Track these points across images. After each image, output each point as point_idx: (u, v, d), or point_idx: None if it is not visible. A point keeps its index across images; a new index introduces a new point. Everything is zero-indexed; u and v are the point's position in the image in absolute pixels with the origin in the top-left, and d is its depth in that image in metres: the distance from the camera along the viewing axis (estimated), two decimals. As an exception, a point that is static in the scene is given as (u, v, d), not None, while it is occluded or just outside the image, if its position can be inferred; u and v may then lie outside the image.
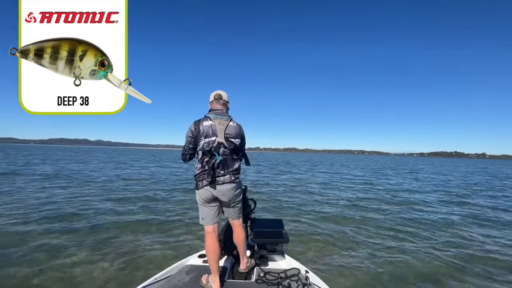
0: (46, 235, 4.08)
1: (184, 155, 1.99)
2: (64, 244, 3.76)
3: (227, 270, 2.14)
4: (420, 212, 6.60)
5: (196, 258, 2.34)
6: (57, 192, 7.72)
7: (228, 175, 1.88)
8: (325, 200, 7.95)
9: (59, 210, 5.57)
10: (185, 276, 2.01)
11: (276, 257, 2.37)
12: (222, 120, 1.89)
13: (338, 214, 6.13)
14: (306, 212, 6.22)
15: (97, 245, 3.77)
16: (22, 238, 3.90)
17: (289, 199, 7.99)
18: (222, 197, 1.89)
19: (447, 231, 5.01)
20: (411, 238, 4.54)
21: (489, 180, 16.69)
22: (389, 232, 4.84)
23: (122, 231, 4.39)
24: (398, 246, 4.11)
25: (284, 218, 3.05)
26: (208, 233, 1.94)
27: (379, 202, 7.92)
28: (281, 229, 2.51)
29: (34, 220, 4.76)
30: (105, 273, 3.01)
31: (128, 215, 5.45)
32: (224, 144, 1.84)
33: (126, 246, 3.77)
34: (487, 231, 5.06)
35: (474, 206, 7.65)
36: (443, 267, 3.44)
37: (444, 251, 3.97)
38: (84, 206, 6.04)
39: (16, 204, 5.97)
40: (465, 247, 4.14)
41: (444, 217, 6.06)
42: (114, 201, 6.83)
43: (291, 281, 1.91)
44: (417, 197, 9.01)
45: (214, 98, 1.99)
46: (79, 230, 4.39)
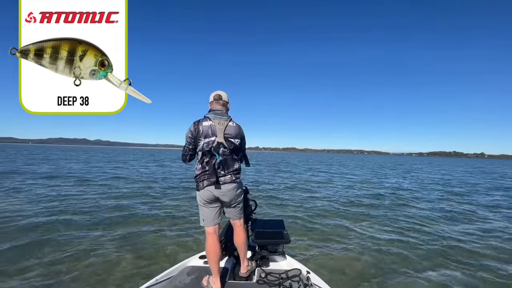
0: (44, 234, 4.07)
1: (184, 156, 1.98)
2: (63, 244, 3.76)
3: (228, 271, 2.13)
4: (424, 211, 6.61)
5: (197, 259, 2.34)
6: (58, 191, 7.71)
7: (228, 175, 1.87)
8: (326, 200, 7.95)
9: (58, 210, 5.55)
10: (186, 277, 2.01)
11: (277, 257, 2.37)
12: (222, 120, 1.88)
13: (339, 214, 6.13)
14: (307, 212, 6.22)
15: (97, 245, 3.76)
16: (23, 233, 3.90)
17: (290, 199, 7.98)
18: (223, 197, 1.88)
19: (454, 229, 5.01)
20: (413, 238, 4.53)
21: (482, 178, 16.74)
22: (392, 232, 4.84)
23: (122, 232, 4.38)
24: (400, 247, 4.09)
25: (285, 219, 3.04)
26: (209, 234, 1.93)
27: (380, 201, 7.92)
28: (282, 230, 2.51)
29: (32, 217, 4.75)
30: (105, 274, 2.99)
31: (127, 215, 5.44)
32: (223, 144, 1.83)
33: (126, 247, 3.75)
34: (485, 228, 5.07)
35: (470, 203, 7.67)
36: (449, 267, 3.43)
37: (453, 250, 3.97)
38: (83, 206, 6.03)
39: (18, 201, 5.97)
40: (475, 247, 4.15)
41: (448, 215, 6.07)
42: (114, 200, 6.81)
43: (293, 282, 1.90)
44: (417, 197, 9.01)
45: (214, 98, 1.99)
46: (79, 230, 4.38)
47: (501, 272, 3.30)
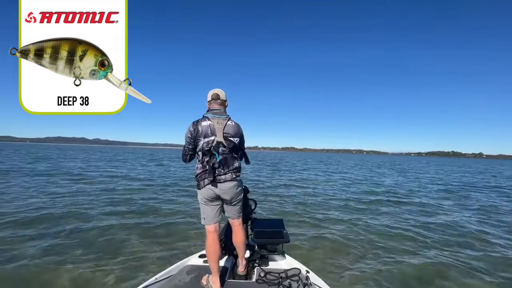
0: (44, 233, 4.07)
1: (184, 156, 2.00)
2: (63, 244, 3.76)
3: (228, 270, 2.15)
4: (422, 212, 6.64)
5: (196, 258, 2.35)
6: (57, 191, 7.69)
7: (229, 173, 1.90)
8: (325, 200, 7.97)
9: (59, 210, 5.55)
10: (186, 276, 2.02)
11: (276, 257, 2.38)
12: (220, 120, 1.90)
13: (339, 214, 6.15)
14: (307, 212, 6.23)
15: (97, 245, 3.76)
16: (15, 240, 3.89)
17: (289, 198, 8.00)
18: (224, 195, 1.91)
19: (448, 232, 5.04)
20: (414, 238, 4.55)
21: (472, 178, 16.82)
22: (392, 231, 4.85)
23: (121, 231, 4.37)
24: (399, 246, 4.11)
25: (285, 218, 3.05)
26: (209, 232, 1.95)
27: (379, 201, 7.94)
28: (282, 229, 2.52)
29: (29, 219, 4.74)
30: (105, 273, 3.00)
31: (127, 215, 5.44)
32: (223, 143, 1.85)
33: (125, 246, 3.76)
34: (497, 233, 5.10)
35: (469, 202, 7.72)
36: (444, 269, 3.42)
37: (446, 251, 3.99)
38: (84, 205, 6.02)
39: (10, 203, 5.96)
40: (475, 251, 4.17)
41: (444, 218, 6.11)
42: (114, 200, 6.80)
43: (292, 281, 1.92)
44: (417, 196, 9.05)
45: (212, 98, 1.99)
46: (79, 230, 4.38)
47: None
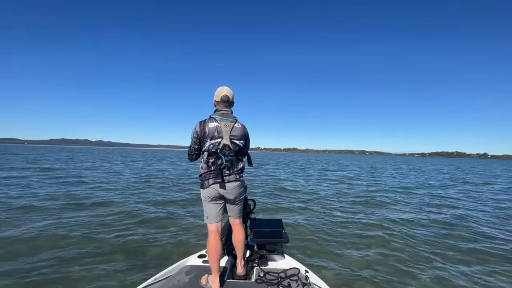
0: (42, 234, 4.10)
1: (190, 155, 2.00)
2: (63, 245, 3.78)
3: (227, 270, 2.14)
4: (424, 208, 6.60)
5: (196, 258, 2.35)
6: (57, 190, 7.75)
7: (233, 174, 1.91)
8: (324, 200, 7.94)
9: (58, 210, 5.59)
10: (185, 277, 2.02)
11: (275, 257, 2.38)
12: (228, 122, 1.90)
13: (338, 214, 6.12)
14: (306, 212, 6.22)
15: (96, 245, 3.77)
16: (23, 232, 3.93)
17: (289, 198, 7.98)
18: (228, 195, 1.92)
19: (447, 229, 5.00)
20: (413, 237, 4.52)
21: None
22: (391, 231, 4.82)
23: (121, 231, 4.39)
24: (398, 246, 4.09)
25: (284, 218, 3.05)
26: (211, 231, 1.95)
27: (378, 201, 7.90)
28: (281, 229, 2.51)
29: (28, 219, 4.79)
30: (104, 273, 3.00)
31: (127, 214, 5.46)
32: (229, 146, 1.86)
33: (125, 246, 3.76)
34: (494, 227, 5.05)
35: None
36: (450, 267, 3.42)
37: (447, 251, 3.97)
38: (83, 206, 6.06)
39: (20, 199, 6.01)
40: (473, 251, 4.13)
41: (444, 216, 6.06)
42: (114, 200, 6.83)
43: (291, 281, 1.91)
44: (417, 197, 8.99)
45: (221, 99, 1.95)
46: (78, 231, 4.40)
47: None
